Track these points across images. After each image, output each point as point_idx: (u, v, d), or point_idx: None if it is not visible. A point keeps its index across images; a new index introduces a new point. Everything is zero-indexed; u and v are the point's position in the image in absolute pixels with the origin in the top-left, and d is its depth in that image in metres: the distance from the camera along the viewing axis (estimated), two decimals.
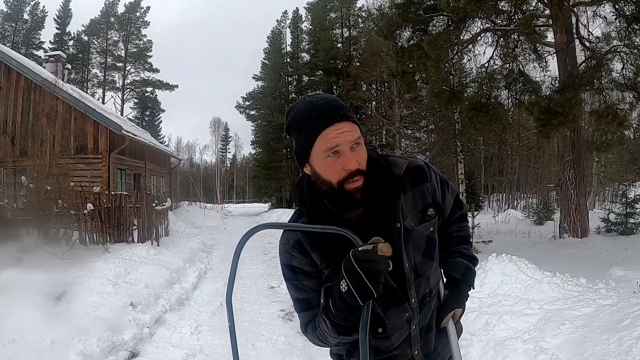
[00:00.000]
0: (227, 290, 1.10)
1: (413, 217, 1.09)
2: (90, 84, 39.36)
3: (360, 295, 0.89)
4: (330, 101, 1.03)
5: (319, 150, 1.00)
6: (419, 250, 1.10)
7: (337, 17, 35.43)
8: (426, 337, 1.15)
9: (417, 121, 25.03)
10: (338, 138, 0.99)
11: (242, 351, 3.79)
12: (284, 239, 1.10)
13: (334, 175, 1.01)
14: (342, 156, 0.99)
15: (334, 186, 1.01)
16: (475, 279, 1.25)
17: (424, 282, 1.11)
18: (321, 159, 1.01)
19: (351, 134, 1.00)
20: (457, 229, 1.28)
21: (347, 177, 1.00)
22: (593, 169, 19.11)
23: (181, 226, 14.14)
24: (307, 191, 1.09)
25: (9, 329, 3.50)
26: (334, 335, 1.01)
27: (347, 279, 0.90)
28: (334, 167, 1.00)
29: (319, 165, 1.02)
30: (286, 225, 1.07)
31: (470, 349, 3.40)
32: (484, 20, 9.79)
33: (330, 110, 1.00)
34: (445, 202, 1.21)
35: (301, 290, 1.08)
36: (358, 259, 0.89)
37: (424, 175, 1.14)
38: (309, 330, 1.08)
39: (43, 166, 8.53)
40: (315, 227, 1.01)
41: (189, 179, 40.37)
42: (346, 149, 0.99)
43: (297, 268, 1.07)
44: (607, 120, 8.26)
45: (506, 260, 4.94)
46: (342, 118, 1.00)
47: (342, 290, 0.91)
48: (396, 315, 1.08)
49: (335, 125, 0.99)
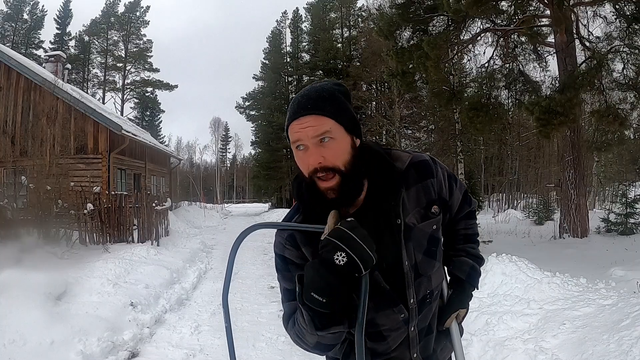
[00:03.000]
0: (223, 291, 1.09)
1: (415, 214, 1.05)
2: (90, 84, 39.41)
3: (363, 262, 0.86)
4: (311, 92, 0.99)
5: (291, 144, 0.99)
6: (421, 248, 1.05)
7: (337, 17, 35.44)
8: (426, 339, 1.11)
9: (417, 121, 25.03)
10: (299, 133, 0.95)
11: (242, 351, 3.80)
12: (280, 231, 1.10)
13: (303, 168, 0.98)
14: (307, 151, 0.96)
15: (307, 180, 0.99)
16: (480, 279, 1.22)
17: (425, 282, 1.07)
18: (294, 152, 0.99)
19: (314, 128, 0.94)
20: (464, 226, 1.23)
21: (312, 172, 0.96)
22: (593, 169, 19.09)
23: (181, 226, 14.13)
24: (304, 187, 1.05)
25: (9, 329, 3.50)
26: (311, 331, 0.94)
27: (346, 247, 0.86)
28: (301, 161, 0.98)
29: (295, 158, 1.00)
30: (280, 224, 1.05)
31: (470, 349, 3.40)
32: (484, 20, 9.80)
33: (301, 103, 0.97)
34: (453, 199, 1.17)
35: (290, 281, 1.04)
36: (352, 229, 0.88)
37: (429, 170, 1.09)
38: (290, 324, 1.04)
39: (43, 166, 8.53)
40: (307, 226, 1.00)
41: (189, 179, 40.37)
42: (310, 144, 0.95)
43: (289, 259, 1.05)
44: (609, 121, 8.25)
45: (506, 260, 4.95)
46: (307, 111, 0.95)
47: (339, 264, 0.86)
48: (390, 317, 1.05)
49: (299, 120, 0.95)
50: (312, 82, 12.98)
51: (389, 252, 1.02)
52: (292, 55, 36.88)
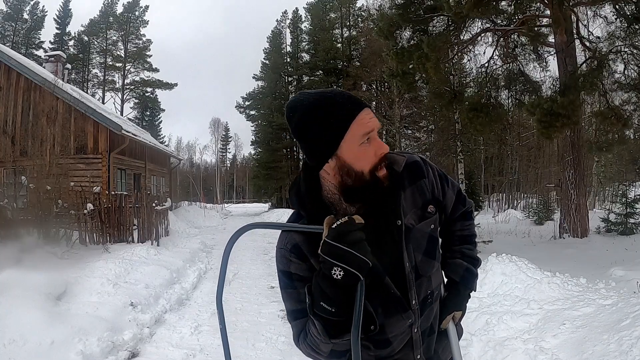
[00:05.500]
0: (217, 292, 1.08)
1: (413, 215, 1.05)
2: (90, 84, 39.44)
3: (360, 270, 0.86)
4: (340, 91, 1.00)
5: (356, 136, 0.94)
6: (420, 249, 1.05)
7: (337, 17, 35.46)
8: (429, 339, 1.10)
9: (417, 121, 25.01)
10: (372, 121, 0.96)
11: (242, 351, 3.81)
12: (281, 244, 1.03)
13: (368, 162, 0.96)
14: (373, 142, 0.96)
15: (365, 176, 0.96)
16: (476, 281, 1.20)
17: (425, 283, 1.07)
18: (356, 147, 0.95)
19: (376, 121, 0.97)
20: (460, 227, 1.22)
21: (378, 163, 0.97)
22: (593, 169, 19.10)
23: (181, 226, 14.13)
24: (305, 192, 1.02)
25: (9, 329, 3.50)
26: (324, 340, 0.94)
27: (339, 262, 0.86)
28: (367, 153, 0.96)
29: (354, 154, 0.95)
30: (275, 224, 1.04)
31: (470, 349, 3.40)
32: (484, 21, 9.79)
33: (352, 98, 0.97)
34: (446, 199, 1.17)
35: (295, 300, 1.01)
36: (338, 237, 0.86)
37: (420, 171, 1.10)
38: (301, 339, 1.02)
39: (43, 166, 8.54)
40: (303, 226, 0.99)
41: (189, 179, 40.41)
42: (376, 134, 0.97)
43: (295, 274, 1.00)
44: (612, 122, 8.25)
45: (506, 260, 4.95)
46: (364, 105, 0.97)
47: (337, 278, 0.86)
48: (399, 322, 1.03)
49: (366, 110, 0.96)
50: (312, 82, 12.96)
51: (391, 255, 1.01)
52: (292, 55, 36.88)
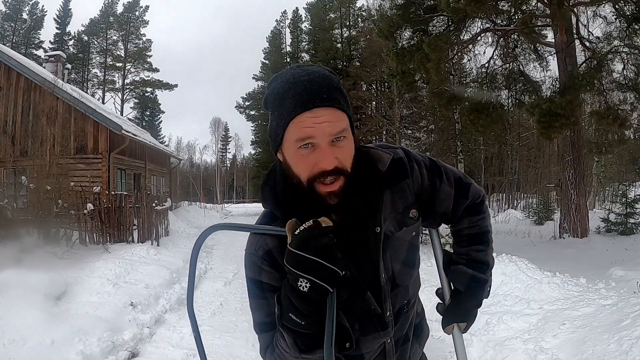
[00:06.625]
0: (187, 299, 0.98)
1: (392, 221, 0.92)
2: (90, 84, 39.45)
3: (328, 282, 0.75)
4: (315, 78, 0.82)
5: (290, 139, 0.81)
6: (399, 258, 0.94)
7: (337, 17, 35.45)
8: (402, 348, 1.00)
9: (417, 121, 25.03)
10: (314, 128, 0.79)
11: (243, 351, 3.82)
12: (251, 249, 0.90)
13: (304, 170, 0.82)
14: (317, 150, 0.80)
15: (303, 184, 0.83)
16: (487, 288, 1.03)
17: (402, 293, 0.96)
18: (293, 150, 0.82)
19: (332, 125, 0.80)
20: (468, 224, 1.04)
21: (318, 175, 0.81)
22: (593, 169, 19.10)
23: (181, 226, 14.12)
24: (281, 189, 0.89)
25: (9, 329, 3.50)
26: (294, 354, 0.82)
27: (304, 274, 0.75)
28: (305, 161, 0.81)
29: (290, 156, 0.84)
30: (243, 226, 0.92)
31: (470, 349, 3.40)
32: (484, 20, 9.80)
33: (311, 92, 0.80)
34: (441, 196, 1.00)
35: (263, 312, 0.90)
36: (302, 245, 0.75)
37: (403, 170, 0.94)
38: (268, 352, 0.92)
39: (43, 166, 8.55)
40: (271, 228, 0.87)
41: (189, 179, 40.39)
42: (323, 143, 0.80)
43: (266, 284, 0.88)
44: (609, 122, 8.25)
45: (506, 260, 4.95)
46: (323, 103, 0.80)
47: (304, 291, 0.75)
48: (375, 340, 0.94)
49: (313, 112, 0.79)
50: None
51: (366, 264, 0.91)
52: (292, 55, 36.90)
